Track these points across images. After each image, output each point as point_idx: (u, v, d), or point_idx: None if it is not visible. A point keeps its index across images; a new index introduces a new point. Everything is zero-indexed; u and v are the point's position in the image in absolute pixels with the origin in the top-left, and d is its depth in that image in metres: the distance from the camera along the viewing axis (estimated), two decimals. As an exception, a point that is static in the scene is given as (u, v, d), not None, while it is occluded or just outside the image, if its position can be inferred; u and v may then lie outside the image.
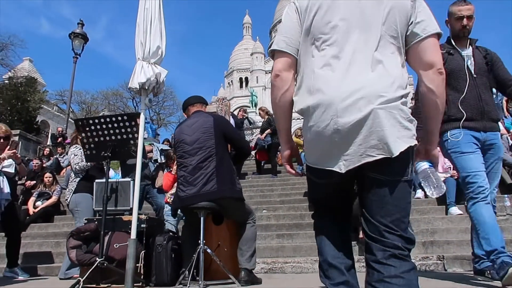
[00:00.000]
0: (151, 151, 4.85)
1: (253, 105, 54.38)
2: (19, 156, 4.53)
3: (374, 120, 1.28)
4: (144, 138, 5.14)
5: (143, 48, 3.01)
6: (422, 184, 1.63)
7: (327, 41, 1.38)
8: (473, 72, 2.82)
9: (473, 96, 2.78)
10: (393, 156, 1.28)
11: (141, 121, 3.10)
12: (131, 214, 3.19)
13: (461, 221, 5.14)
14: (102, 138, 3.17)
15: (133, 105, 38.90)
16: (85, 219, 3.36)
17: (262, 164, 9.43)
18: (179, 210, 3.33)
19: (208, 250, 2.94)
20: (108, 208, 3.19)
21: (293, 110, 1.50)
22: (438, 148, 5.54)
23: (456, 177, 5.65)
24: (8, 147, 4.32)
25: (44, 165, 8.37)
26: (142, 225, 3.17)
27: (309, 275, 4.03)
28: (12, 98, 23.02)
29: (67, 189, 4.49)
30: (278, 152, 10.88)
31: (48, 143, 19.18)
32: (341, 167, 1.32)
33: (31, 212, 6.69)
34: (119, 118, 3.14)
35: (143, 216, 3.22)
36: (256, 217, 3.31)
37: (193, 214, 3.03)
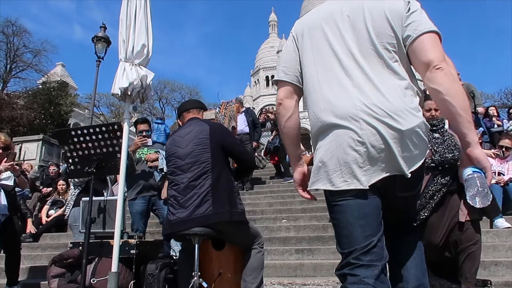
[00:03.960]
0: (157, 159, 4.44)
1: (280, 103, 53.64)
2: (17, 168, 4.27)
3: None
4: (150, 146, 4.79)
5: (125, 46, 2.59)
6: (466, 192, 1.27)
7: (327, 60, 1.39)
8: None
9: None
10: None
11: (125, 131, 2.67)
12: (122, 236, 2.79)
13: (509, 236, 4.45)
14: (86, 152, 2.78)
15: (160, 106, 39.30)
16: (70, 243, 3.00)
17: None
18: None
19: (204, 284, 2.49)
20: (94, 231, 2.81)
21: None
22: (487, 151, 4.63)
23: (502, 184, 4.94)
24: (6, 159, 4.07)
25: (60, 172, 8.22)
26: (132, 251, 2.76)
27: (330, 302, 3.53)
28: (45, 102, 23.69)
29: (67, 202, 4.20)
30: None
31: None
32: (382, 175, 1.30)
33: (43, 221, 6.53)
34: (104, 128, 2.73)
35: (132, 241, 2.80)
36: (263, 241, 2.83)
37: (187, 239, 2.59)
